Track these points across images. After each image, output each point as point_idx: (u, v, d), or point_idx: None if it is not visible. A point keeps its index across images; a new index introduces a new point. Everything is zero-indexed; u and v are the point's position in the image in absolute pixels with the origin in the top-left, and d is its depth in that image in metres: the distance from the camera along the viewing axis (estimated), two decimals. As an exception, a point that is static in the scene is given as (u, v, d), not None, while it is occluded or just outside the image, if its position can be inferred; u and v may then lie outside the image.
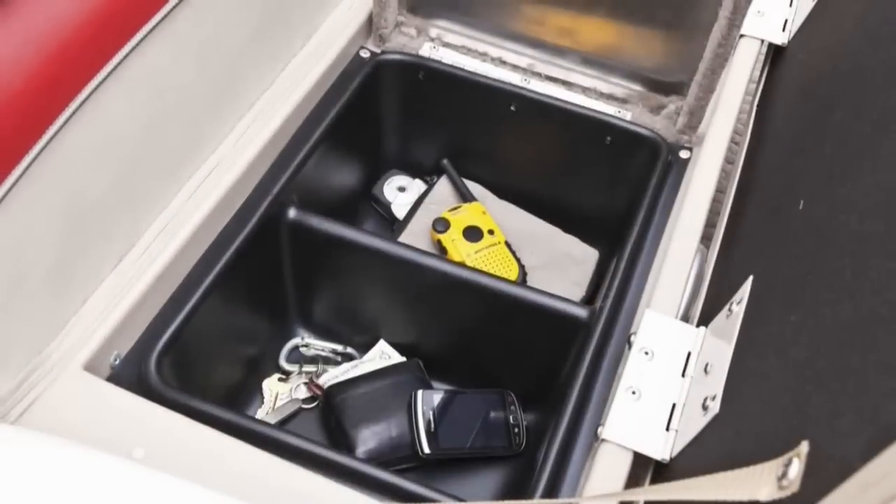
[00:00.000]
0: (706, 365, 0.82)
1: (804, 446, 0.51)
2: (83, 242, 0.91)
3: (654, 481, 0.81)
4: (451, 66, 1.26)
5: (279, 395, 1.17)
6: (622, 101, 1.23)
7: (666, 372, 0.86)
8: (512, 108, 1.24)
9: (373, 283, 1.16)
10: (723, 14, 1.06)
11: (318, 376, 1.18)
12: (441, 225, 1.25)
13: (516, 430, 1.13)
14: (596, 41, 1.21)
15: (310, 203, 1.13)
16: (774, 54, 1.25)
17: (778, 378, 0.65)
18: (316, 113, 1.18)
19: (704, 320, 0.90)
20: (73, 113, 0.83)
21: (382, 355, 1.22)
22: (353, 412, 1.10)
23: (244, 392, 1.17)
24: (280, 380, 1.19)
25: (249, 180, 1.08)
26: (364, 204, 1.39)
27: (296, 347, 1.23)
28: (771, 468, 0.52)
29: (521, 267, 1.24)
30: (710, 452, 0.72)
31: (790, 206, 0.83)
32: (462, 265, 1.14)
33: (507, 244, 1.26)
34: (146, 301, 0.95)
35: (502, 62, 1.27)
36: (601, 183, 1.27)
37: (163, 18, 0.91)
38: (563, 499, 0.85)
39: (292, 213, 1.11)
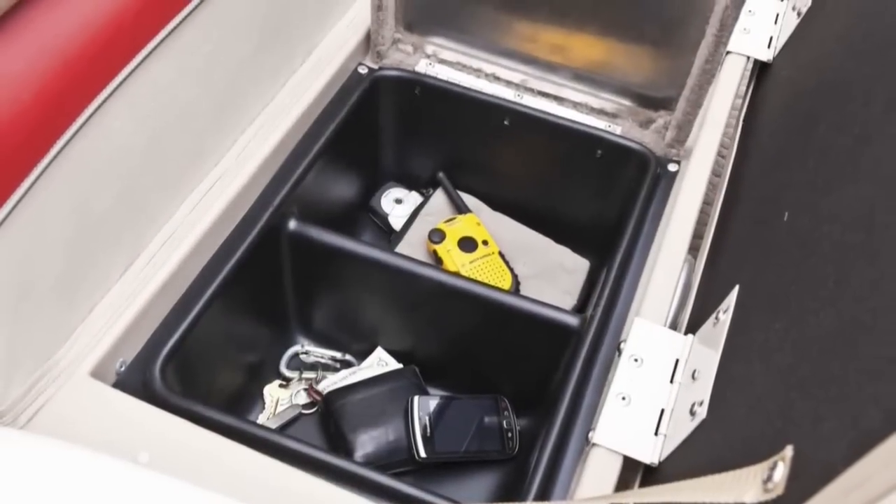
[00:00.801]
0: (694, 371, 0.82)
1: (788, 450, 0.51)
2: (90, 252, 0.91)
3: (643, 484, 0.81)
4: (447, 81, 1.26)
5: (280, 400, 1.17)
6: (612, 115, 1.23)
7: (655, 378, 0.86)
8: (505, 122, 1.25)
9: (370, 292, 1.16)
10: (710, 31, 1.06)
11: (317, 382, 1.18)
12: (437, 236, 1.25)
13: (510, 434, 1.13)
14: (587, 58, 1.21)
15: (309, 215, 1.13)
16: (760, 70, 1.26)
17: (763, 384, 0.65)
18: (315, 127, 1.18)
19: (692, 328, 0.90)
20: (80, 127, 0.83)
21: (380, 362, 1.22)
22: (352, 417, 1.10)
23: (246, 398, 1.17)
24: (280, 386, 1.19)
25: (251, 192, 1.08)
26: (362, 215, 1.39)
27: (296, 355, 1.23)
28: (756, 472, 0.52)
29: (515, 276, 1.25)
30: (697, 456, 0.72)
31: (775, 217, 0.83)
32: (457, 275, 1.14)
33: (501, 254, 1.26)
34: (151, 309, 0.95)
35: (496, 78, 1.27)
36: (592, 195, 1.27)
37: (167, 36, 0.91)
38: (555, 501, 0.85)
39: (292, 224, 1.11)
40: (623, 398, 0.85)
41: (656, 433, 0.82)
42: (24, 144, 0.77)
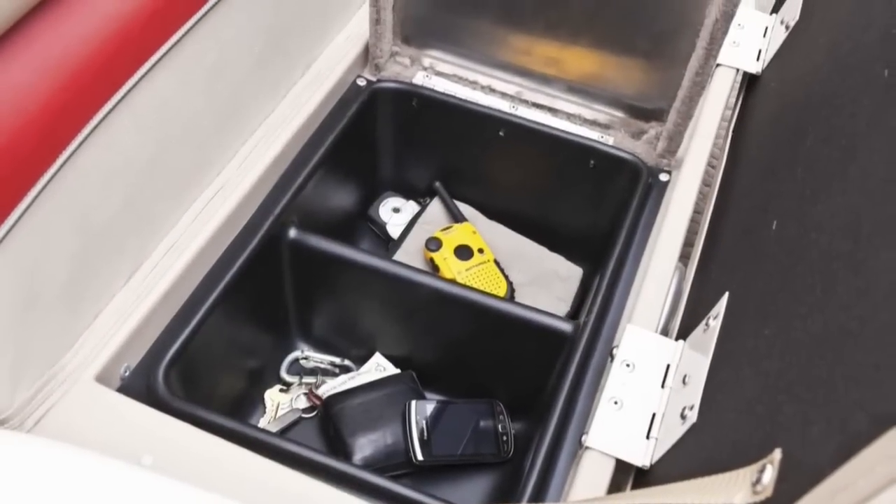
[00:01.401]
0: (684, 376, 0.82)
1: (777, 453, 0.51)
2: (95, 260, 0.91)
3: (635, 487, 0.81)
4: (443, 93, 1.26)
5: (280, 405, 1.17)
6: (605, 126, 1.23)
7: (646, 383, 0.86)
8: (501, 133, 1.25)
9: (369, 299, 1.16)
10: (700, 44, 1.06)
11: (317, 387, 1.18)
12: (434, 244, 1.25)
13: (505, 438, 1.13)
14: (580, 70, 1.21)
15: (309, 223, 1.13)
16: (749, 82, 1.26)
17: (752, 389, 0.65)
18: (315, 138, 1.18)
19: (683, 334, 0.90)
20: (85, 138, 0.83)
21: (378, 367, 1.22)
22: (351, 421, 1.10)
23: (247, 402, 1.16)
24: (281, 390, 1.19)
25: (252, 202, 1.08)
26: (361, 224, 1.39)
27: (296, 360, 1.23)
28: (746, 474, 0.53)
29: (510, 284, 1.25)
30: (688, 459, 0.72)
31: (763, 226, 0.83)
32: (453, 282, 1.14)
33: (496, 262, 1.26)
34: (154, 316, 0.95)
35: (491, 90, 1.27)
36: (585, 204, 1.27)
37: (170, 49, 0.91)
38: (550, 503, 0.85)
39: (293, 232, 1.11)
40: (615, 402, 0.85)
41: (648, 437, 0.82)
42: (29, 155, 0.77)
